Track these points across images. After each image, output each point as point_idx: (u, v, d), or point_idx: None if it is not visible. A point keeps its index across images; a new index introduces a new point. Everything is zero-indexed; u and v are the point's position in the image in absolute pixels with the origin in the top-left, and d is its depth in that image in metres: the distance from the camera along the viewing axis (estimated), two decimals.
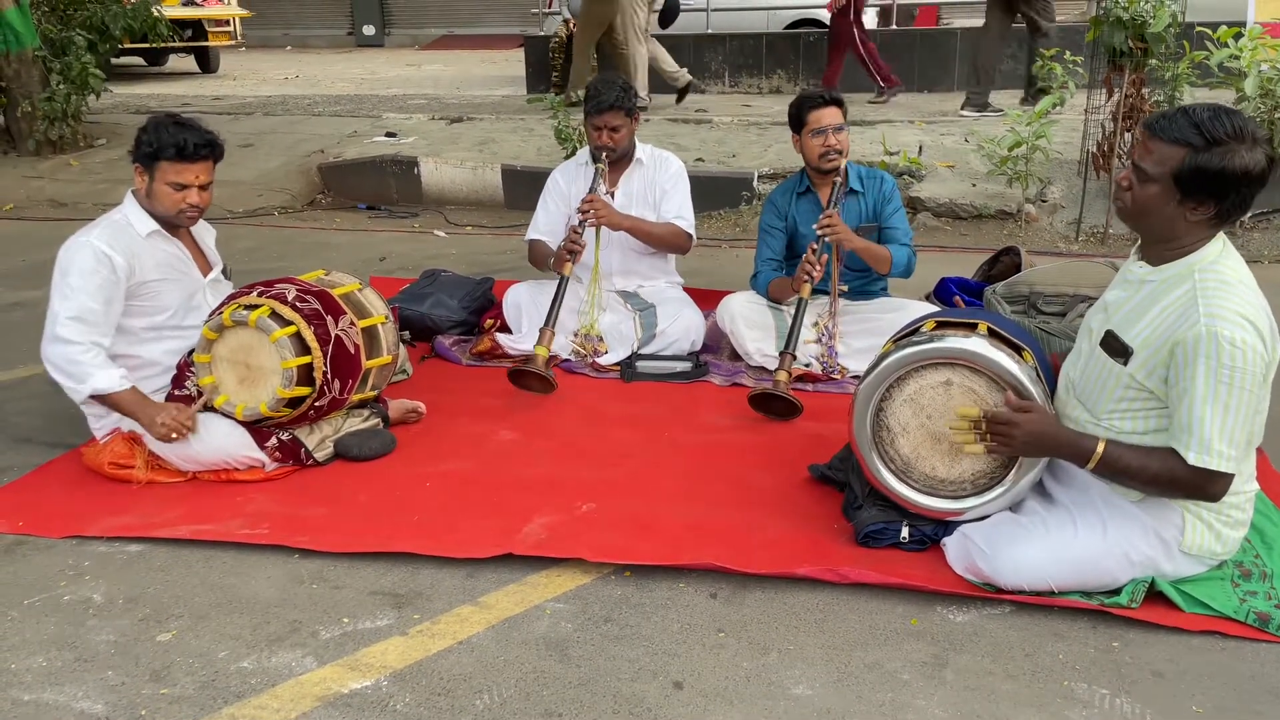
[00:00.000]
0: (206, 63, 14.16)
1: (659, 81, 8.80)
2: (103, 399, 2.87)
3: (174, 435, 2.86)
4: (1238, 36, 5.56)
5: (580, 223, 3.79)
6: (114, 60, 10.76)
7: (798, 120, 3.78)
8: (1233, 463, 2.14)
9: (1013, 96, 8.34)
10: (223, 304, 2.98)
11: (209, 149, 2.95)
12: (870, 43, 8.57)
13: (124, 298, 2.92)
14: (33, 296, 4.93)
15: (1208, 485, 2.17)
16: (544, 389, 3.60)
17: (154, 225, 2.99)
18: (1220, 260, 2.20)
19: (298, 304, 2.95)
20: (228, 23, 14.04)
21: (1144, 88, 5.72)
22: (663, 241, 4.04)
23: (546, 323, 3.68)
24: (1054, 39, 7.45)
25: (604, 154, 3.96)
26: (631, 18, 8.27)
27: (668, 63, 8.82)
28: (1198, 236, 2.21)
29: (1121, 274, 2.40)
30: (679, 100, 8.84)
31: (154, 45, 10.62)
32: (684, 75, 8.87)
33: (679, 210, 4.05)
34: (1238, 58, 5.49)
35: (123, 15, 8.40)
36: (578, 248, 3.75)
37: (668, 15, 9.00)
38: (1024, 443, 2.31)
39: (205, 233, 3.26)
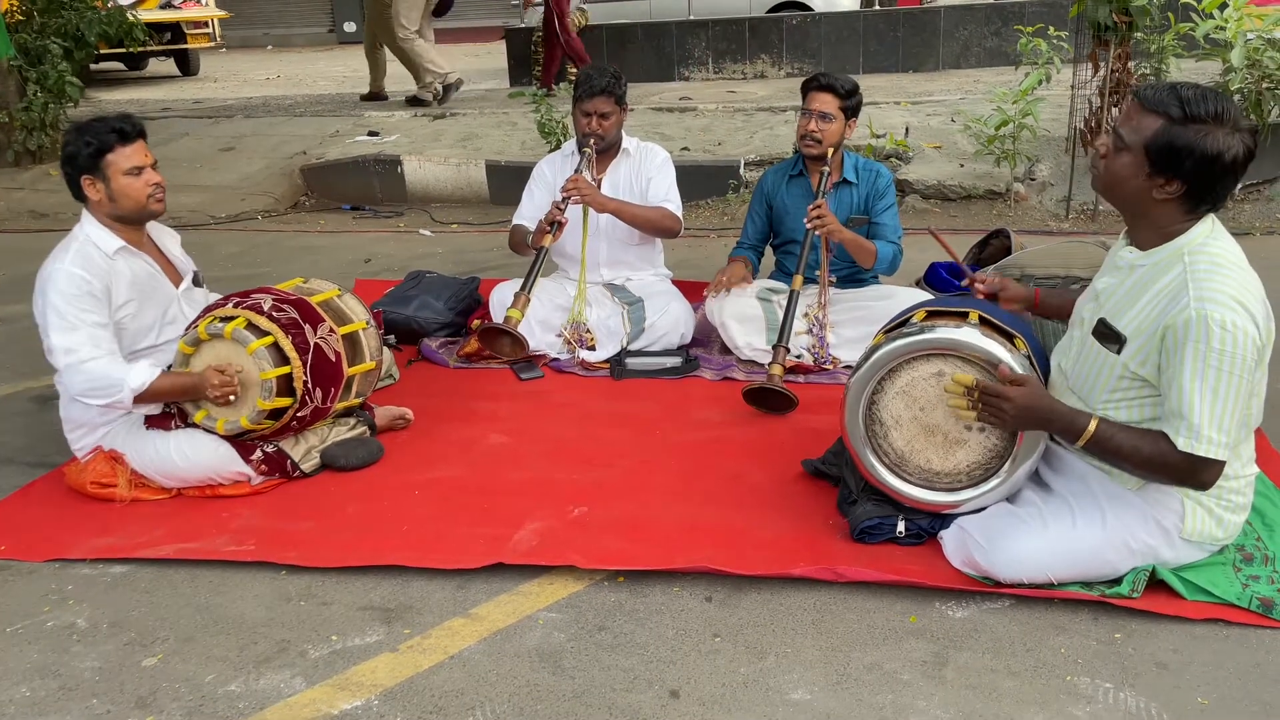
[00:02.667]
0: (186, 65, 14.06)
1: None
2: (146, 397, 2.82)
3: (231, 396, 2.83)
4: (1223, 7, 5.50)
5: (564, 199, 3.74)
6: (92, 66, 10.66)
7: (802, 95, 3.75)
8: (1223, 450, 2.09)
9: (998, 74, 8.29)
10: (198, 317, 2.93)
11: (138, 126, 2.96)
12: (557, 44, 8.77)
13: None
14: (14, 311, 4.87)
15: (1198, 472, 2.12)
16: (515, 350, 3.65)
17: (119, 241, 2.92)
18: (1210, 241, 2.15)
19: (274, 314, 2.90)
20: (206, 24, 13.90)
21: (1130, 61, 5.67)
22: (650, 224, 3.95)
23: (522, 289, 3.64)
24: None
25: (591, 142, 3.90)
26: (405, 11, 8.38)
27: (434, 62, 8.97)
28: (1171, 218, 2.16)
29: (1110, 260, 2.35)
30: (440, 102, 8.81)
31: (131, 50, 10.51)
32: (444, 79, 8.82)
33: (666, 194, 3.99)
34: (1224, 28, 5.44)
35: (98, 21, 8.31)
36: (559, 219, 3.70)
37: (442, 6, 9.13)
38: (1015, 416, 2.27)
39: (169, 239, 3.18)
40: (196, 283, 3.17)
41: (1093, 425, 2.19)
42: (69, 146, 2.88)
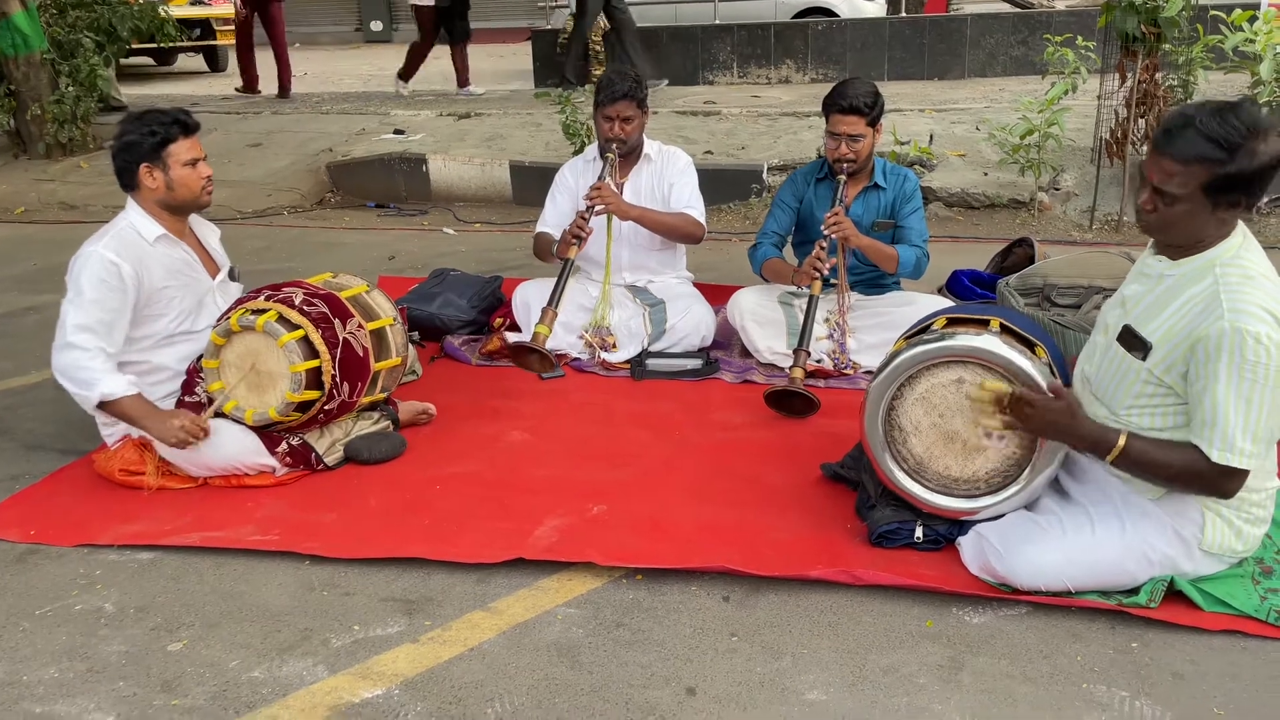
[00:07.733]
0: (215, 61, 14.18)
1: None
2: (111, 407, 2.87)
3: (190, 440, 2.85)
4: (1252, 19, 5.47)
5: (588, 208, 3.77)
6: (122, 60, 10.79)
7: (825, 114, 3.73)
8: (1253, 460, 2.10)
9: (1023, 83, 8.27)
10: (230, 309, 2.97)
11: (195, 120, 3.01)
12: (249, 44, 9.93)
13: (134, 307, 2.91)
14: (45, 301, 4.94)
15: (1226, 482, 2.13)
16: (544, 367, 3.68)
17: (160, 230, 2.98)
18: (1241, 254, 2.16)
19: (305, 308, 2.94)
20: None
21: (1158, 72, 5.64)
22: (674, 230, 3.98)
23: (549, 303, 3.67)
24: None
25: (614, 146, 3.92)
26: None
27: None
28: (1219, 231, 2.17)
29: (1139, 267, 2.36)
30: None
31: (162, 45, 10.63)
32: None
33: (689, 200, 4.01)
34: (1253, 41, 5.41)
35: (130, 16, 8.41)
36: (583, 233, 3.73)
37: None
38: (1040, 425, 2.26)
39: (209, 233, 3.24)
40: (232, 277, 3.22)
41: (1122, 440, 2.18)
42: (129, 135, 2.92)
